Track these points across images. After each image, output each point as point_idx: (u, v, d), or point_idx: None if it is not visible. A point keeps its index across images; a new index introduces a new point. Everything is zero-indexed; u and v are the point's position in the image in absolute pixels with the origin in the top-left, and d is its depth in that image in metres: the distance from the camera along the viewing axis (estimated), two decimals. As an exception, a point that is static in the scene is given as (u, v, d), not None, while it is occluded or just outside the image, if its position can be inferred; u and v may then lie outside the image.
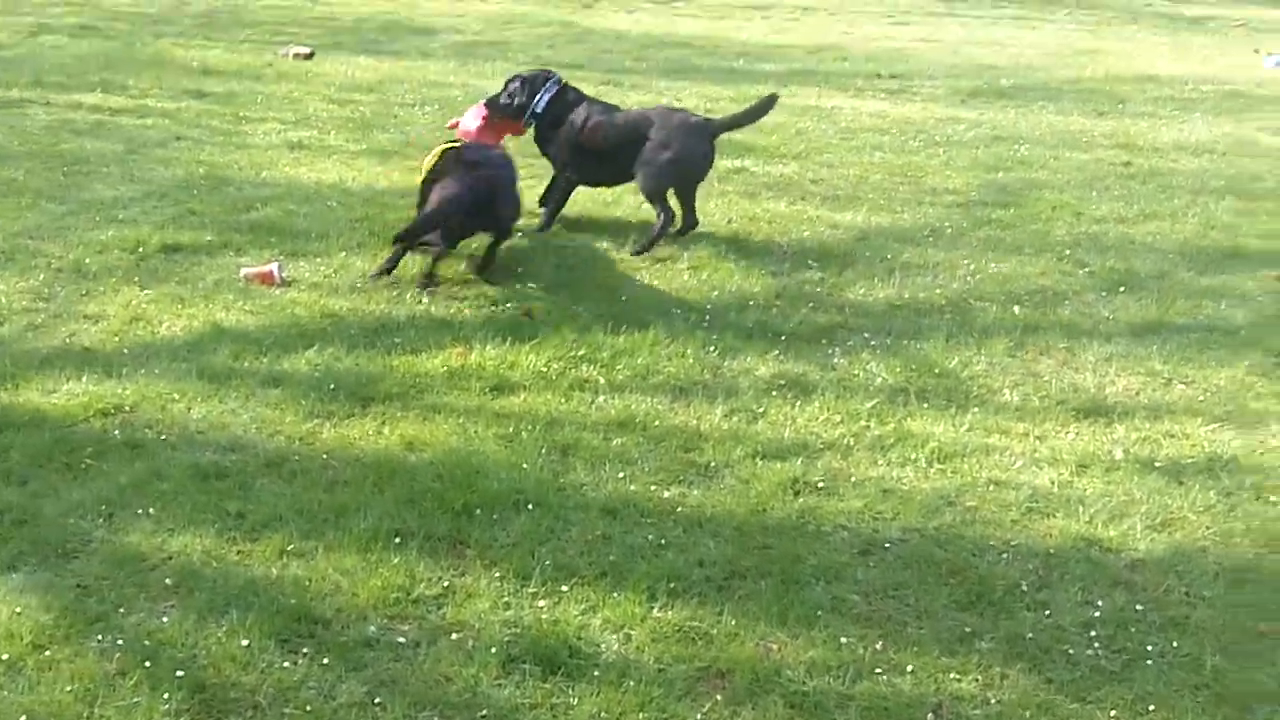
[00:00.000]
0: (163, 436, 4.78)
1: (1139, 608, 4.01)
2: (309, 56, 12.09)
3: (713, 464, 4.78)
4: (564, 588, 3.97)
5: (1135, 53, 13.50)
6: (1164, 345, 6.00)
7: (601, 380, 5.43)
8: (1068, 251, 7.22)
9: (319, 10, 15.16)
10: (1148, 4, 17.06)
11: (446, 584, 3.98)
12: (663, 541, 4.24)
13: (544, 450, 4.80)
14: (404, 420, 4.99)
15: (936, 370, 5.67)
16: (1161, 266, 7.05)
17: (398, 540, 4.17)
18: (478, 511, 4.34)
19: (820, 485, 4.65)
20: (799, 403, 5.29)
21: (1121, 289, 6.68)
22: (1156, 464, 4.91)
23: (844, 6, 16.28)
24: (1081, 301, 6.54)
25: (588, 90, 7.62)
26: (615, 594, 3.93)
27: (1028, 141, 9.63)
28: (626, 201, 7.68)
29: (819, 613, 3.91)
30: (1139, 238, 7.51)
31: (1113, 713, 3.55)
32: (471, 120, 7.59)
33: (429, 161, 6.77)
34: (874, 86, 11.55)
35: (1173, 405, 5.44)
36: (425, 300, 6.18)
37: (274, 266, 6.36)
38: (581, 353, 5.66)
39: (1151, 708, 3.57)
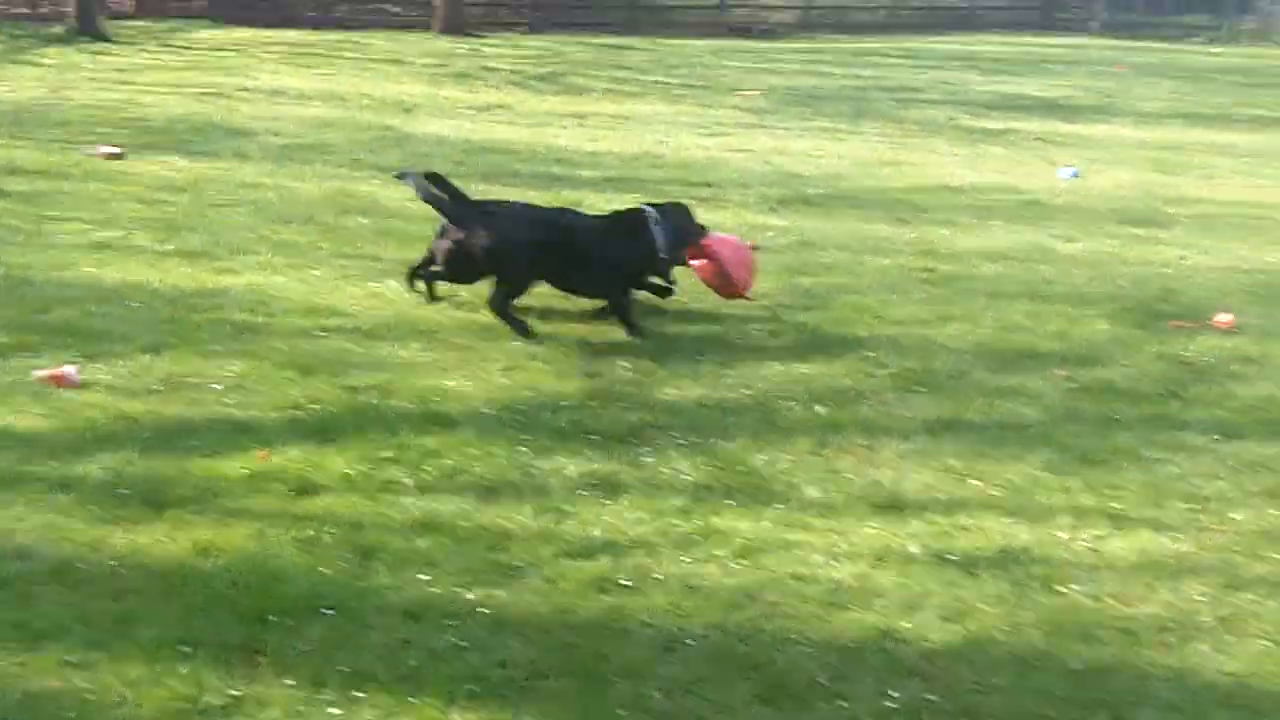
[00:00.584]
0: (-57, 544, 4.60)
1: (932, 697, 4.11)
2: (119, 156, 11.88)
3: (519, 564, 4.77)
4: (359, 694, 3.91)
5: (937, 164, 14.03)
6: (959, 442, 6.20)
7: (409, 481, 5.39)
8: (869, 353, 7.43)
9: (132, 110, 14.94)
10: (950, 118, 17.79)
11: (237, 694, 3.88)
12: (465, 643, 4.21)
13: (346, 554, 4.74)
14: (198, 525, 4.88)
15: (742, 468, 5.77)
16: (958, 366, 7.30)
17: (187, 649, 4.05)
18: (273, 618, 4.25)
19: (627, 583, 4.67)
20: (608, 501, 5.33)
21: (919, 388, 6.90)
22: (950, 557, 5.05)
23: (658, 117, 16.63)
24: (881, 400, 6.73)
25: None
26: (412, 699, 3.88)
27: (833, 247, 9.91)
28: (457, 307, 7.69)
29: (620, 711, 3.91)
30: (937, 339, 7.77)
31: (905, 801, 3.62)
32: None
33: None
34: (687, 194, 11.75)
35: (967, 500, 5.61)
36: (228, 402, 6.08)
37: (70, 369, 6.20)
38: (389, 454, 5.62)
39: (942, 795, 3.65)
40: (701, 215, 10.76)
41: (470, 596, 4.50)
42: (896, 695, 4.10)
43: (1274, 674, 4.34)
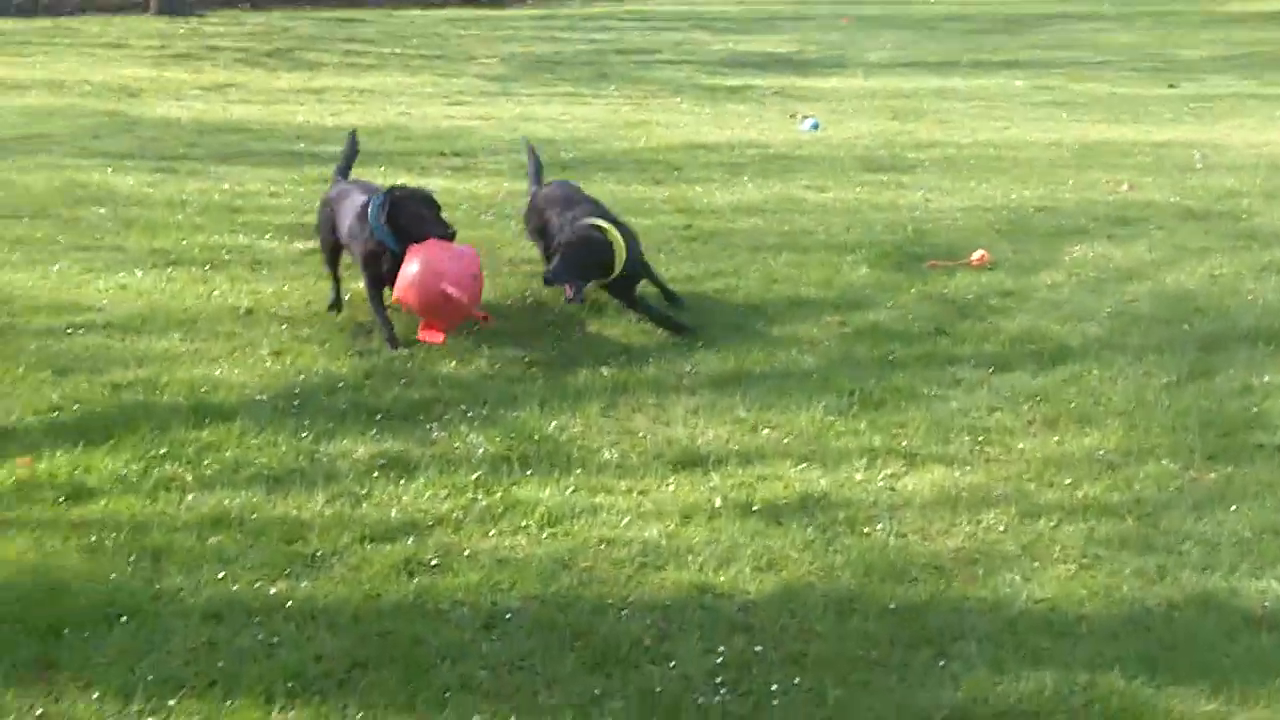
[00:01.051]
0: None
1: (759, 649, 4.09)
2: None
3: (319, 553, 4.55)
4: (171, 702, 3.66)
5: (682, 123, 14.13)
6: (746, 394, 6.22)
7: (189, 478, 5.09)
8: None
9: None
10: (689, 78, 17.96)
11: (40, 712, 3.58)
12: (275, 640, 3.98)
13: (133, 558, 4.43)
14: (-35, 542, 4.50)
15: (536, 436, 5.65)
16: (733, 320, 7.32)
17: (-27, 674, 3.72)
18: (66, 631, 3.95)
19: (434, 563, 4.51)
20: (403, 481, 5.14)
21: (700, 344, 6.90)
22: (754, 508, 5.05)
23: (399, 89, 16.28)
24: (665, 358, 6.69)
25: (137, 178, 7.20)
26: (229, 701, 3.66)
27: (596, 210, 9.84)
28: (213, 293, 7.32)
29: (447, 694, 3.76)
30: (707, 294, 7.79)
31: (749, 755, 3.58)
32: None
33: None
34: (439, 165, 11.55)
35: (762, 450, 5.63)
36: (-23, 409, 5.64)
37: None
38: (163, 450, 5.30)
39: (784, 745, 3.62)
40: (457, 184, 10.64)
41: (273, 591, 4.27)
42: (723, 650, 4.06)
43: (1082, 597, 4.48)
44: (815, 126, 13.91)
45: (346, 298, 7.29)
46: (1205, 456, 5.62)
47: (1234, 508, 5.14)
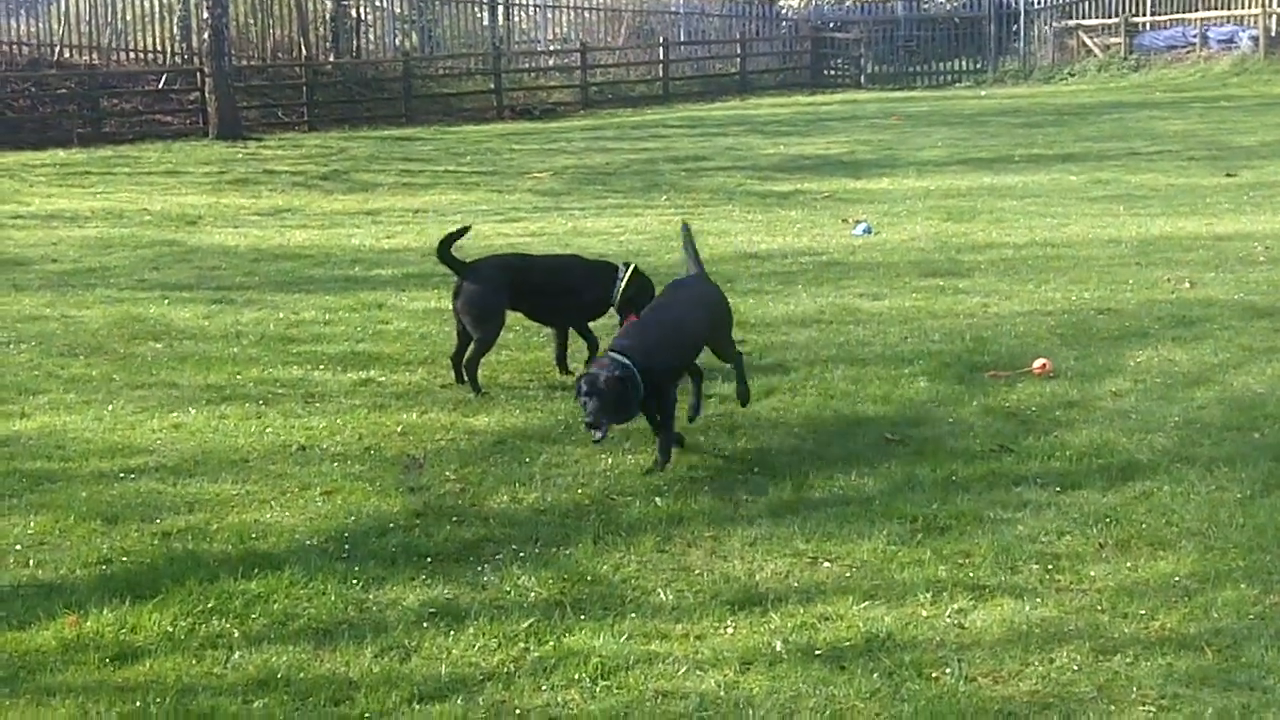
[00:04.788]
0: None
1: (828, 812, 3.90)
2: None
3: (367, 715, 4.43)
4: None
5: (735, 230, 14.10)
6: (804, 523, 6.06)
7: (236, 633, 4.99)
8: (701, 437, 7.27)
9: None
10: (740, 184, 17.99)
11: None
12: (320, 817, 3.85)
13: (176, 726, 4.32)
14: (13, 709, 4.41)
15: (589, 577, 5.52)
16: (790, 442, 7.19)
17: None
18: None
19: (485, 724, 4.36)
20: (453, 631, 5.01)
21: (756, 470, 6.76)
22: (817, 651, 4.87)
23: (454, 207, 16.41)
24: (720, 486, 6.56)
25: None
26: None
27: (648, 327, 9.76)
28: (266, 430, 7.28)
29: None
30: (764, 414, 7.67)
31: None
32: None
33: None
34: (492, 284, 11.55)
35: (822, 585, 5.46)
36: (31, 562, 5.59)
37: None
38: (211, 605, 5.21)
39: None
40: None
41: (319, 761, 4.14)
42: (788, 815, 3.88)
43: (1162, 742, 4.27)
44: (868, 230, 13.85)
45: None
46: (1286, 579, 5.39)
47: (1319, 637, 4.91)
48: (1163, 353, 8.72)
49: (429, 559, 5.66)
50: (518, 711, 4.44)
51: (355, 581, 5.42)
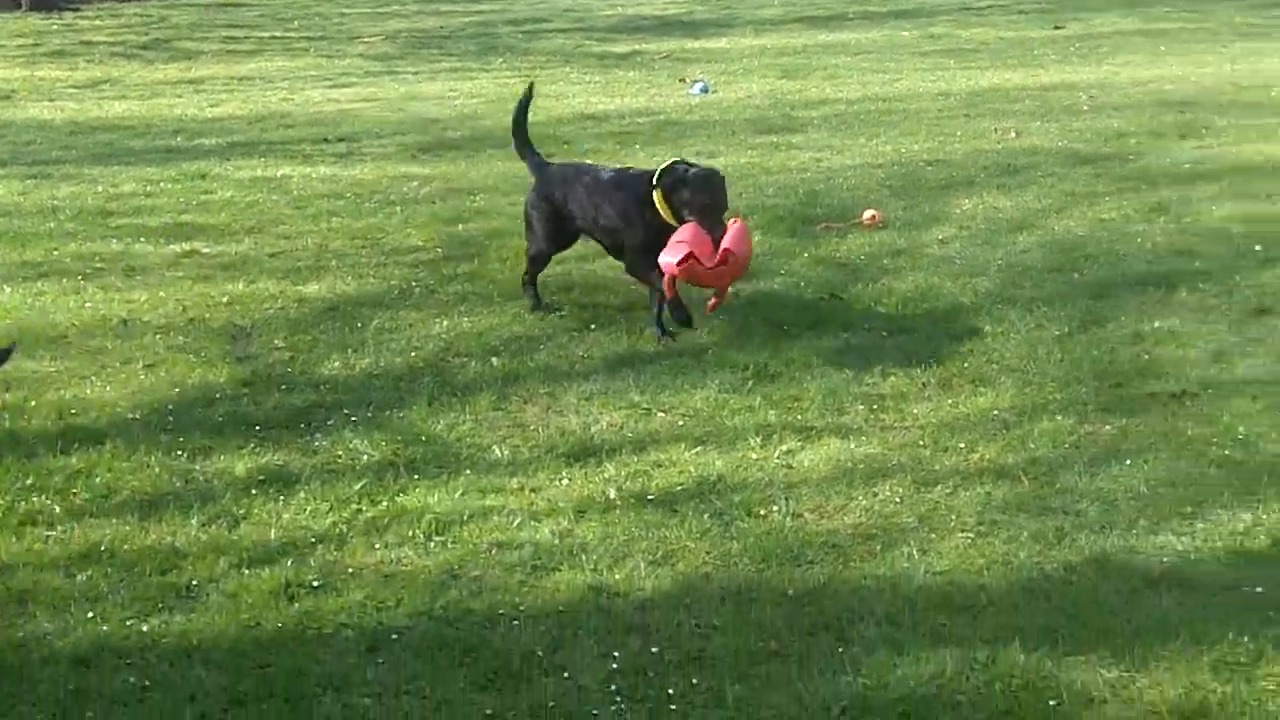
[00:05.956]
0: None
1: (655, 650, 3.97)
2: None
3: (195, 583, 4.36)
4: (33, 763, 3.46)
5: (571, 93, 13.91)
6: (639, 376, 6.09)
7: (57, 509, 4.87)
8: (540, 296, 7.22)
9: None
10: (578, 46, 17.73)
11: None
12: (146, 683, 3.80)
13: (-5, 604, 4.21)
14: None
15: (424, 437, 5.48)
16: (626, 298, 7.18)
17: None
18: (-82, 689, 3.73)
19: (316, 584, 4.33)
20: (283, 497, 4.95)
21: (592, 326, 6.75)
22: (650, 497, 4.93)
23: (281, 74, 15.89)
24: (556, 344, 6.55)
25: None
26: (95, 758, 3.47)
27: (483, 191, 9.64)
28: (85, 305, 7.05)
29: (330, 727, 3.61)
30: (600, 272, 7.64)
31: (645, 768, 3.46)
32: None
33: None
34: (322, 152, 11.25)
35: (656, 434, 5.51)
36: None
37: None
38: (30, 481, 5.06)
39: (682, 753, 3.51)
40: (340, 170, 10.38)
41: (146, 628, 4.08)
42: (618, 655, 3.93)
43: (980, 566, 4.41)
44: (705, 89, 13.78)
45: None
46: (1099, 409, 5.60)
47: (1129, 461, 5.11)
48: (988, 200, 8.88)
49: (258, 427, 5.56)
50: (350, 571, 4.42)
51: (180, 453, 5.31)
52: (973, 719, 3.62)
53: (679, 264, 6.16)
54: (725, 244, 6.22)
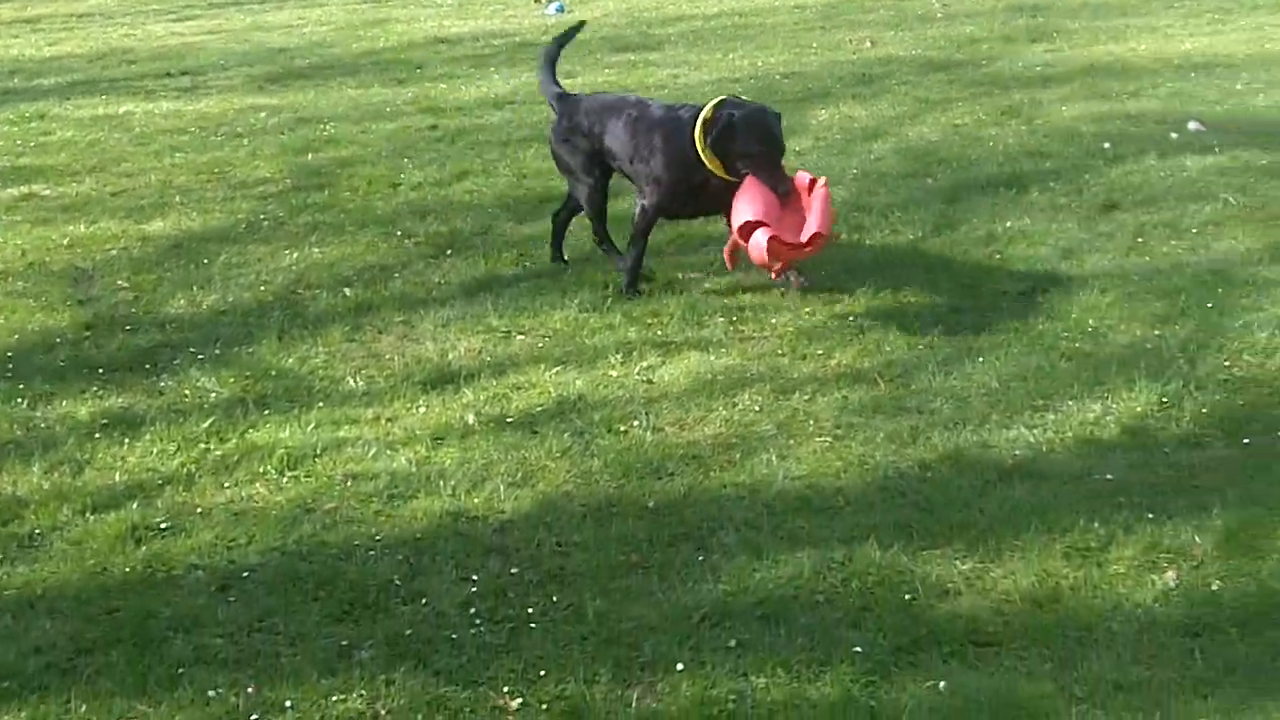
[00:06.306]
0: None
1: (515, 571, 3.92)
2: None
3: (37, 531, 4.20)
4: None
5: (425, 17, 13.65)
6: (498, 300, 5.99)
7: (-112, 463, 4.66)
8: (391, 224, 7.08)
9: None
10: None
11: None
12: (-12, 637, 3.66)
13: None
14: None
15: (274, 372, 5.35)
16: (483, 222, 7.07)
17: None
18: None
19: (164, 526, 4.20)
20: (128, 440, 4.78)
21: (449, 251, 6.64)
22: (509, 420, 4.86)
23: (122, 9, 15.36)
24: (412, 271, 6.42)
25: None
26: (-68, 716, 3.33)
27: (333, 120, 9.43)
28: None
29: (181, 670, 3.50)
30: (457, 198, 7.52)
31: (505, 689, 3.42)
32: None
33: None
34: (165, 87, 10.92)
35: (515, 357, 5.43)
36: None
37: None
38: None
39: (543, 672, 3.47)
40: (185, 105, 10.07)
41: (-14, 581, 3.93)
42: (478, 579, 3.88)
43: (838, 469, 4.42)
44: (561, 9, 13.62)
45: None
46: (952, 310, 5.64)
47: (981, 359, 5.16)
48: (844, 110, 8.90)
49: (101, 371, 5.38)
50: (199, 510, 4.29)
51: (20, 400, 5.11)
52: (830, 617, 3.63)
53: (768, 250, 5.36)
54: (815, 226, 5.46)
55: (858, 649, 3.49)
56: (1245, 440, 4.51)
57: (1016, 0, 12.72)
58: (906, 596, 3.71)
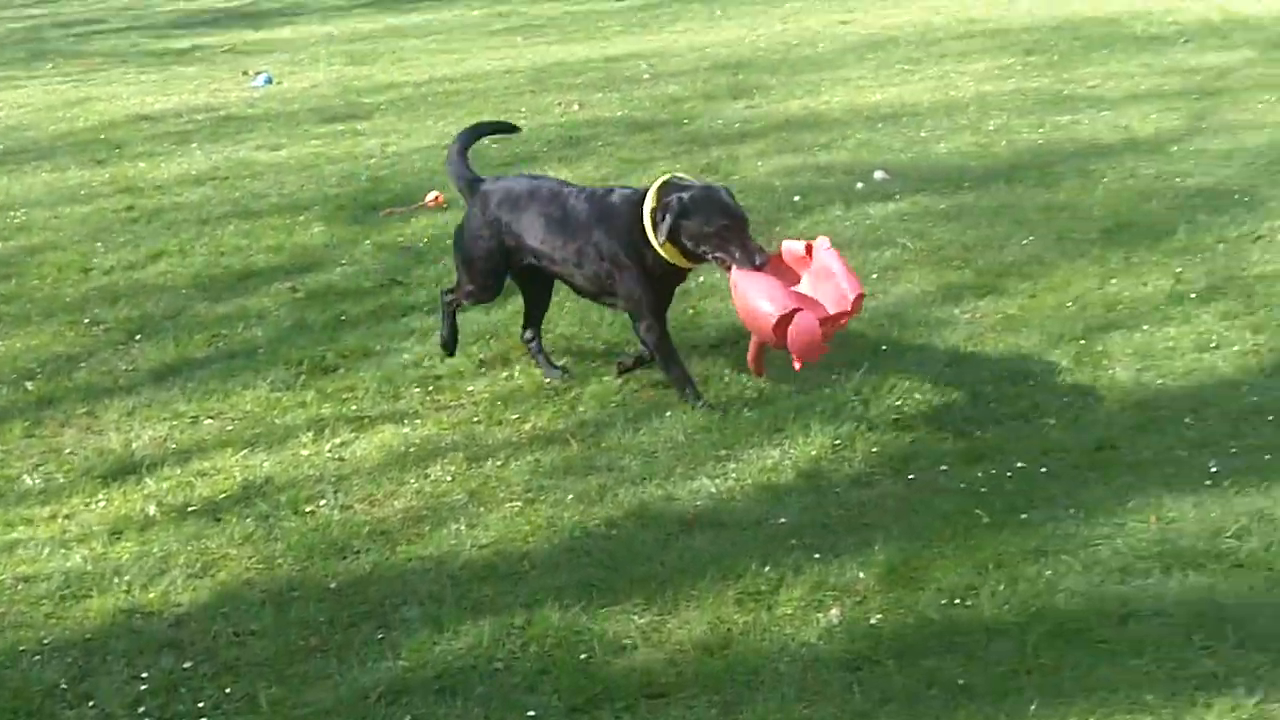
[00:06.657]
0: None
1: (188, 665, 3.82)
2: None
3: None
4: None
5: (125, 94, 13.25)
6: (187, 384, 5.86)
7: None
8: (79, 312, 6.85)
9: None
10: (134, 45, 16.93)
11: None
12: None
13: None
14: None
15: (-57, 479, 5.09)
16: (176, 304, 6.90)
17: None
18: None
19: None
20: None
21: (138, 337, 6.46)
22: (191, 508, 4.75)
23: None
24: (99, 360, 6.22)
25: None
26: None
27: (25, 206, 9.07)
28: None
29: None
30: (150, 280, 7.32)
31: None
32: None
33: None
34: None
35: (202, 443, 5.31)
36: None
37: None
38: None
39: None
40: None
41: None
42: (148, 675, 3.77)
43: (525, 533, 4.46)
44: (269, 81, 13.42)
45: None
46: (645, 367, 5.74)
47: (669, 414, 5.28)
48: (548, 173, 8.99)
49: None
50: None
51: None
52: (508, 683, 3.65)
53: (822, 332, 4.88)
54: (854, 289, 4.97)
55: (532, 713, 3.52)
56: (910, 476, 4.73)
57: (719, 59, 13.11)
58: (583, 656, 3.76)
